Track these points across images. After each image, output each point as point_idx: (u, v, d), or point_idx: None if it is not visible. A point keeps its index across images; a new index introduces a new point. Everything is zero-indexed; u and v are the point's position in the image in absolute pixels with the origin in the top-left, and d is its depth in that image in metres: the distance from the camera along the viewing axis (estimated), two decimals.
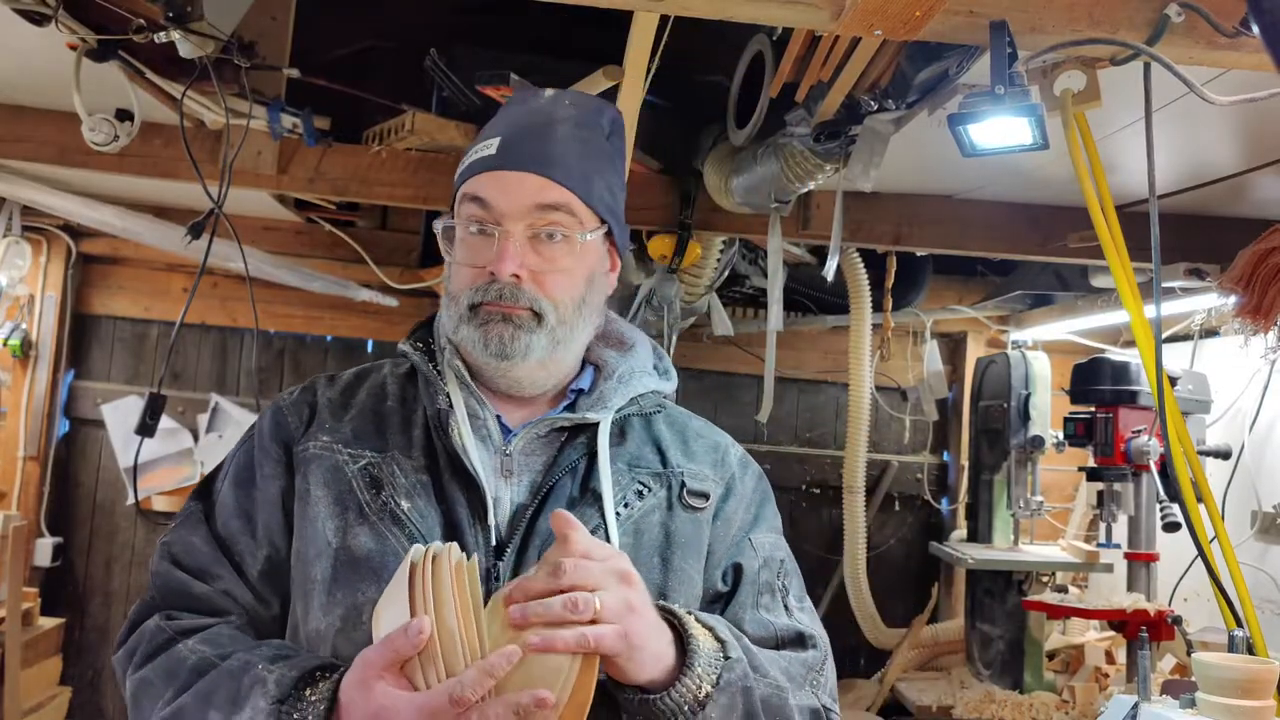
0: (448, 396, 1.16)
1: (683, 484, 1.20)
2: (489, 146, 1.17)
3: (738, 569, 1.20)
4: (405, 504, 1.12)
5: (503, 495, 1.14)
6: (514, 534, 1.12)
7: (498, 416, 1.19)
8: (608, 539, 1.11)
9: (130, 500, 3.54)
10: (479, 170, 1.16)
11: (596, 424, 1.18)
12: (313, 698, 0.97)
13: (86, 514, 3.61)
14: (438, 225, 1.21)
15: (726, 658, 1.03)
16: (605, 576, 0.96)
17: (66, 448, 3.59)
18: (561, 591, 0.94)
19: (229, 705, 1.01)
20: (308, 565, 1.12)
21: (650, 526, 1.16)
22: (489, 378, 1.19)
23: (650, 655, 0.98)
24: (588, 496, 1.15)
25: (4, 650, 2.89)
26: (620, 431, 1.22)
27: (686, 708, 0.98)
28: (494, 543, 1.11)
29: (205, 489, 1.24)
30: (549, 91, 1.25)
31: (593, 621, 0.93)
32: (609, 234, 1.22)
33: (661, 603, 1.06)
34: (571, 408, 1.21)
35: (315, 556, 1.12)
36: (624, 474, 1.18)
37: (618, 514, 1.14)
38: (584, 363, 1.27)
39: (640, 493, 1.17)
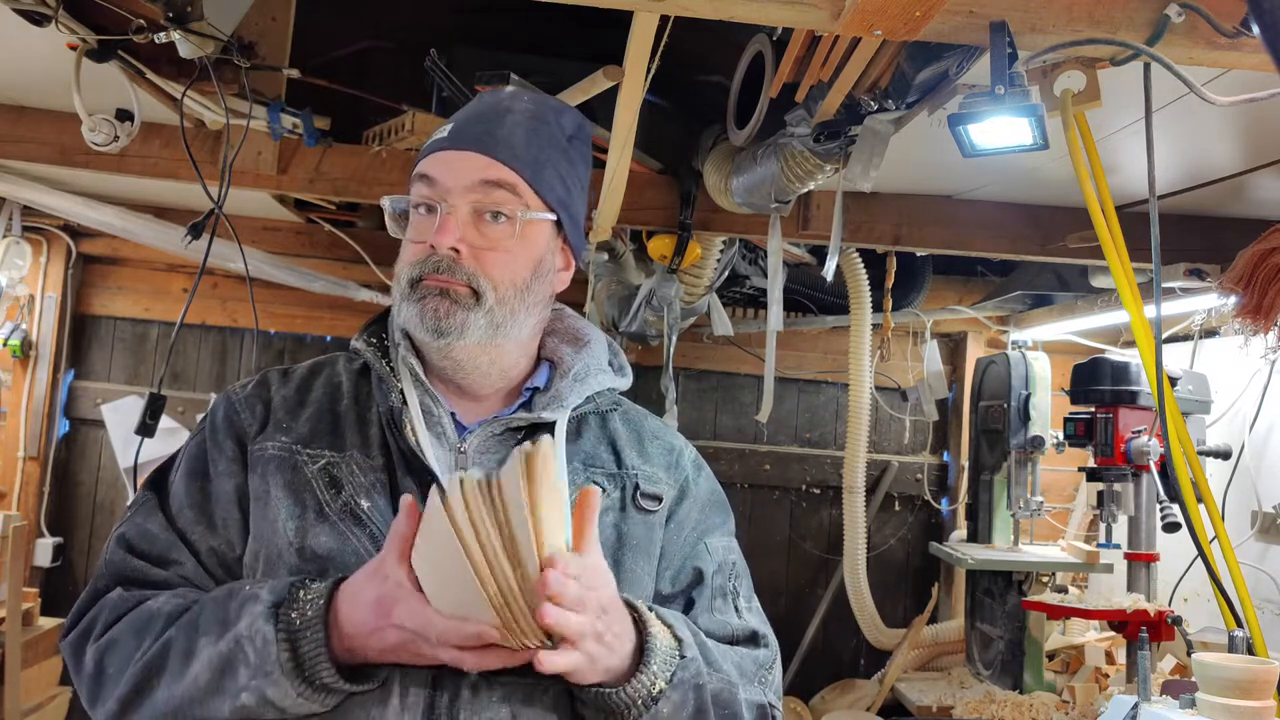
0: (401, 394, 1.16)
1: (637, 486, 1.20)
2: (442, 131, 1.19)
3: (696, 573, 1.22)
4: (365, 503, 1.12)
5: None
6: None
7: (452, 414, 1.18)
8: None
9: (130, 500, 3.53)
10: (430, 152, 1.18)
11: (553, 422, 1.18)
12: (308, 596, 1.00)
13: (86, 514, 3.62)
14: (385, 203, 1.21)
15: (682, 656, 1.06)
16: (589, 605, 0.97)
17: (66, 448, 3.60)
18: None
19: (219, 627, 1.01)
20: (270, 566, 1.11)
21: (603, 527, 1.16)
22: (439, 369, 1.19)
23: (600, 670, 1.01)
24: None
25: (4, 650, 2.89)
26: (576, 430, 1.22)
27: (640, 702, 1.02)
28: None
29: (160, 478, 1.22)
30: (511, 88, 1.26)
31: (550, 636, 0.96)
32: (561, 229, 1.21)
33: (626, 596, 1.08)
34: (528, 406, 1.21)
35: (276, 557, 1.11)
36: (579, 473, 1.18)
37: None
38: (540, 359, 1.27)
39: None
